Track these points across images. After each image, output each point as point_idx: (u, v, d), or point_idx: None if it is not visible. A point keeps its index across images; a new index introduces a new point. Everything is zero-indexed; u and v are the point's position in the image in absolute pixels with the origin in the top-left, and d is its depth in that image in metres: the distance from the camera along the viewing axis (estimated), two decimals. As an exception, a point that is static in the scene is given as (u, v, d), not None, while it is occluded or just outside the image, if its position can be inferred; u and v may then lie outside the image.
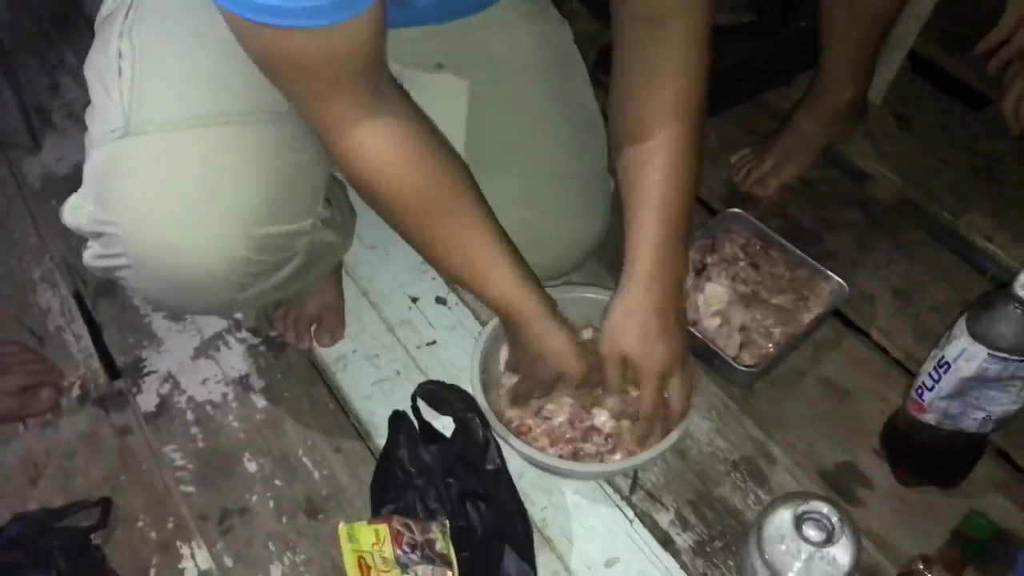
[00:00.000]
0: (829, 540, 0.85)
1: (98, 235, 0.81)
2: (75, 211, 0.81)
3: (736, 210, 1.18)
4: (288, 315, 1.16)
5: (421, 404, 0.99)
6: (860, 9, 1.14)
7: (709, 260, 1.15)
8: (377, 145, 0.76)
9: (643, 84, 0.84)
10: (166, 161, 0.78)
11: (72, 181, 1.38)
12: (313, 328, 1.17)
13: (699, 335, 1.07)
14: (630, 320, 0.89)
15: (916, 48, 1.37)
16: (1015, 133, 1.05)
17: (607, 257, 1.16)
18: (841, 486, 1.01)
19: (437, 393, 0.98)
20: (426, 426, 0.99)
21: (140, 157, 0.78)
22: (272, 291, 0.89)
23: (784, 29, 1.38)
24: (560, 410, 1.00)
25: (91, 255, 0.83)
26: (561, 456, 0.97)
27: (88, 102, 0.84)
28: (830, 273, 1.11)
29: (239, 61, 0.69)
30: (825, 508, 0.87)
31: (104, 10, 0.86)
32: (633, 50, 0.84)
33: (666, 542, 0.97)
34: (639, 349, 0.89)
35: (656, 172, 0.85)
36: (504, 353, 1.03)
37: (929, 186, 1.31)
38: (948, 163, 1.34)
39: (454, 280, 0.88)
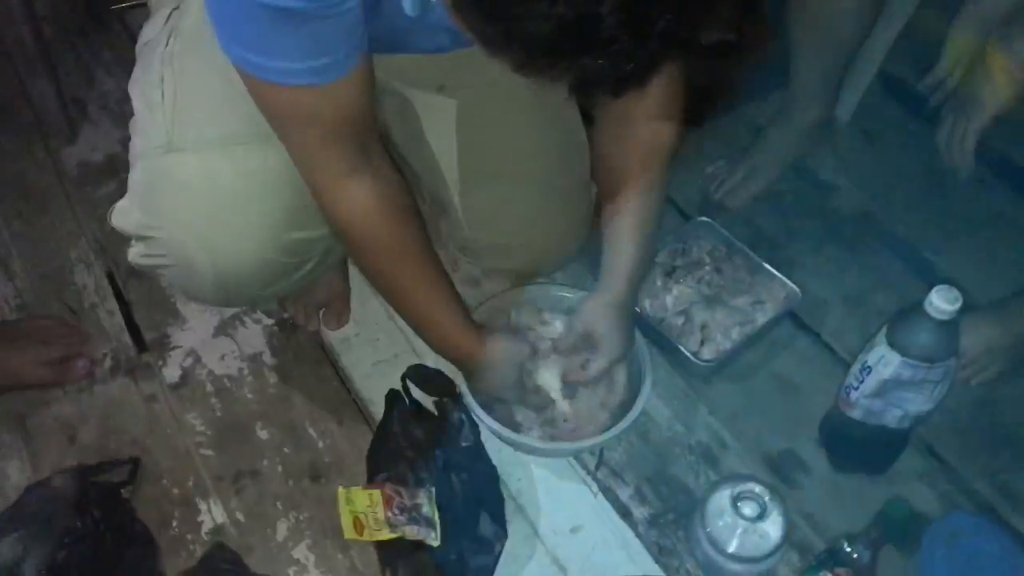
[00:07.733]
0: (761, 517, 0.98)
1: (143, 238, 0.94)
2: (122, 215, 0.94)
3: (705, 219, 1.30)
4: (299, 300, 1.28)
5: (412, 384, 1.12)
6: (826, 35, 1.25)
7: (678, 263, 1.27)
8: (361, 198, 0.87)
9: (616, 141, 1.02)
10: (204, 175, 0.90)
11: (105, 170, 1.51)
12: (321, 312, 1.29)
13: (664, 332, 1.19)
14: (608, 307, 1.02)
15: (885, 67, 1.47)
16: (948, 164, 1.15)
17: (588, 259, 1.26)
18: (783, 471, 1.14)
19: (423, 376, 1.11)
20: (416, 404, 1.12)
21: (181, 172, 0.91)
22: (289, 287, 1.02)
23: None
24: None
25: (136, 254, 0.96)
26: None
27: (120, 98, 0.96)
28: (785, 279, 1.23)
29: None
30: (759, 488, 1.00)
31: (144, 36, 0.99)
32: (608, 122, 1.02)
33: (625, 514, 1.10)
34: (608, 332, 1.02)
35: (634, 214, 1.02)
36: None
37: (887, 199, 1.42)
38: (907, 178, 1.45)
39: (408, 317, 1.03)
